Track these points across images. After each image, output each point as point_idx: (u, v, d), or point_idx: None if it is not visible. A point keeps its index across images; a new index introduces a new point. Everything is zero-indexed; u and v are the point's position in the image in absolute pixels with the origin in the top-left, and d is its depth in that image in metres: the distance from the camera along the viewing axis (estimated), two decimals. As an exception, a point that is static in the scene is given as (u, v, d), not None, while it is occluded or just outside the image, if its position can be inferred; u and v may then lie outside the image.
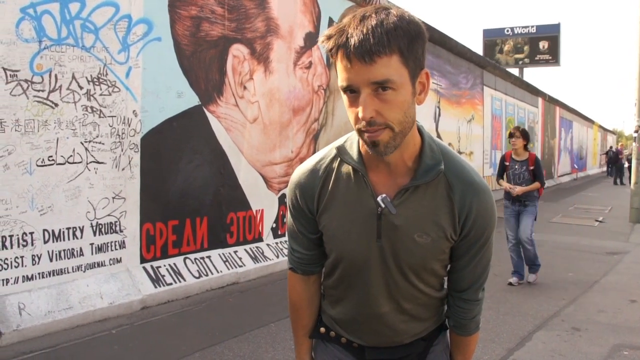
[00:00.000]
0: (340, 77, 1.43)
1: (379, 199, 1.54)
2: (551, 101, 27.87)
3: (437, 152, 1.56)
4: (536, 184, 6.91)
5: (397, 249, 1.58)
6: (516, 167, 7.00)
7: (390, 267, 1.61)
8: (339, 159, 1.65)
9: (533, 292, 6.66)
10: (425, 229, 1.56)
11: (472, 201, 1.55)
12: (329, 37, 1.40)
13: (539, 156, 24.98)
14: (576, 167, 35.09)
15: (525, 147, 7.08)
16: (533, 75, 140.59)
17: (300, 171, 1.71)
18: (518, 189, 6.88)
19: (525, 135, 7.06)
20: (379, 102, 1.37)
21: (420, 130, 1.58)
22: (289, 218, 1.77)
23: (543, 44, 36.61)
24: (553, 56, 36.82)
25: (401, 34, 1.33)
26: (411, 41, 1.35)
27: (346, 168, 1.62)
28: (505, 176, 7.19)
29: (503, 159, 7.28)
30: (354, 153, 1.60)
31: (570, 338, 5.12)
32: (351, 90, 1.42)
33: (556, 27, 37.32)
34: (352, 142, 1.63)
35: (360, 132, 1.45)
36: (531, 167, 6.93)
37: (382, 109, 1.38)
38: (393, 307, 1.67)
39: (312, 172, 1.68)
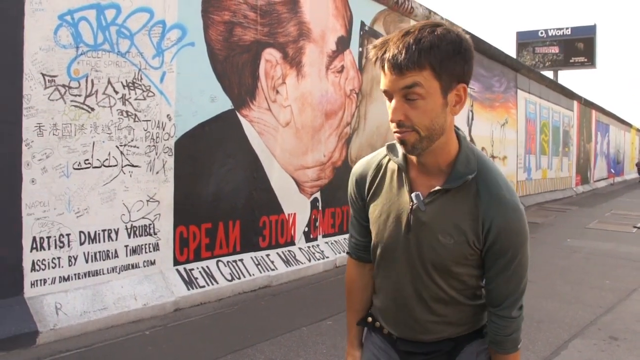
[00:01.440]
0: (381, 82, 1.60)
1: (412, 195, 1.69)
2: (587, 104, 27.45)
3: (472, 162, 1.67)
4: None
5: (422, 245, 1.70)
6: None
7: (415, 262, 1.73)
8: (388, 156, 1.81)
9: (569, 299, 6.56)
10: (449, 231, 1.66)
11: (495, 215, 1.64)
12: (373, 47, 1.59)
13: (575, 160, 24.72)
14: (613, 171, 34.50)
15: None
16: (568, 78, 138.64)
17: (359, 163, 1.91)
18: None
19: None
20: (409, 107, 1.55)
21: (460, 140, 1.70)
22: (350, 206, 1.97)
23: (578, 46, 36.12)
24: (588, 58, 36.29)
25: (435, 52, 1.49)
26: (445, 59, 1.50)
27: (392, 165, 1.79)
28: None
29: None
30: (399, 152, 1.74)
31: (607, 347, 5.03)
32: (388, 95, 1.59)
33: (592, 29, 36.78)
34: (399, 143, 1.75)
35: (394, 132, 1.60)
36: None
37: (410, 114, 1.56)
38: (421, 304, 1.78)
39: (366, 164, 1.88)
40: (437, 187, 1.66)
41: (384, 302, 1.87)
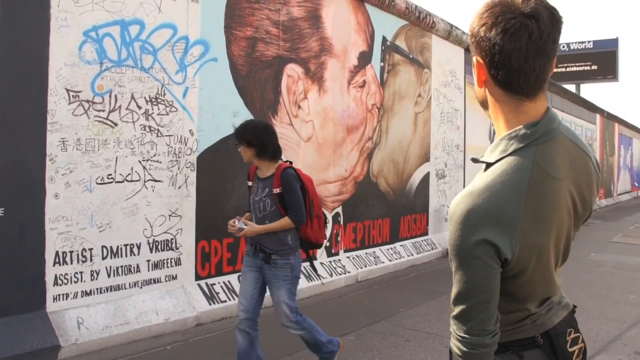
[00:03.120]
0: None
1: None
2: (609, 117, 27.21)
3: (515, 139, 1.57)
4: (283, 221, 4.04)
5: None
6: (258, 190, 4.21)
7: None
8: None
9: (592, 314, 6.46)
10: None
11: None
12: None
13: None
14: (637, 185, 34.10)
15: (262, 155, 4.21)
16: (590, 91, 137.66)
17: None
18: (247, 228, 4.03)
19: (252, 137, 4.18)
20: None
21: None
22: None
23: (601, 59, 35.85)
24: (611, 71, 36.00)
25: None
26: None
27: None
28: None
29: (247, 177, 4.56)
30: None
31: (632, 363, 4.96)
32: None
33: (614, 42, 36.47)
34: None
35: None
36: (276, 191, 4.10)
37: None
38: None
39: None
40: None
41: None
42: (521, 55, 1.47)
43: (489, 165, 1.58)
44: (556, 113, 1.61)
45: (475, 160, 1.65)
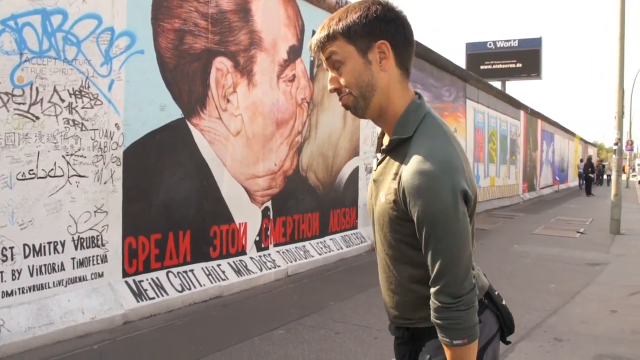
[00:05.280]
0: None
1: (377, 154, 1.83)
2: (533, 114, 28.08)
3: (410, 125, 1.71)
4: None
5: (375, 204, 1.80)
6: None
7: (374, 222, 1.82)
8: None
9: (516, 303, 6.65)
10: (385, 190, 1.72)
11: (405, 175, 1.63)
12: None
13: (522, 168, 25.25)
14: (558, 179, 35.35)
15: None
16: (515, 88, 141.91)
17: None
18: None
19: None
20: (338, 75, 1.74)
21: (409, 104, 1.75)
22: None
23: (525, 57, 36.95)
24: (535, 69, 37.16)
25: (343, 23, 1.69)
26: (353, 25, 1.67)
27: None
28: None
29: None
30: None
31: (552, 349, 5.14)
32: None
33: (538, 41, 37.71)
34: None
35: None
36: None
37: (340, 80, 1.74)
38: (382, 274, 1.87)
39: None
40: (383, 147, 1.80)
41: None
42: (412, 34, 1.76)
43: (406, 139, 1.70)
44: None
45: (386, 151, 1.77)
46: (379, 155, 1.80)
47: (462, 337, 1.62)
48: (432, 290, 1.64)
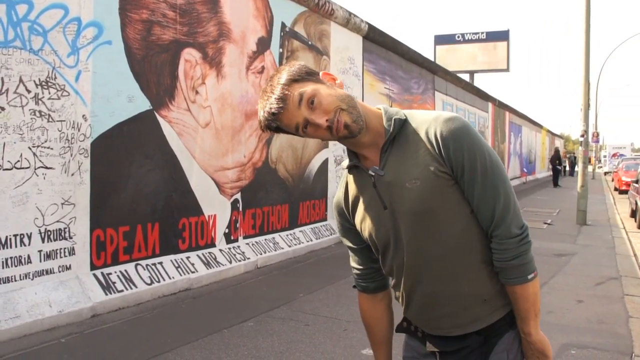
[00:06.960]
0: (289, 127, 1.75)
1: (369, 171, 1.76)
2: (501, 106, 28.38)
3: (394, 110, 1.79)
4: None
5: (398, 206, 1.74)
6: None
7: (405, 231, 1.74)
8: (348, 168, 1.88)
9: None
10: (413, 175, 1.70)
11: (435, 131, 1.68)
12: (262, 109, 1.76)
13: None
14: (525, 171, 35.77)
15: None
16: (483, 80, 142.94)
17: (335, 196, 1.98)
18: None
19: None
20: (317, 109, 1.68)
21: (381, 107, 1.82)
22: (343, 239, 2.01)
23: (493, 49, 37.29)
24: (502, 62, 37.52)
25: (294, 74, 1.70)
26: (300, 73, 1.70)
27: (353, 173, 1.87)
28: None
29: None
30: (348, 158, 1.86)
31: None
32: (305, 126, 1.71)
33: (505, 34, 38.09)
34: (345, 150, 1.91)
35: (338, 135, 1.70)
36: None
37: (323, 110, 1.68)
38: (433, 279, 1.78)
39: (338, 192, 1.96)
40: (381, 146, 1.75)
41: (405, 295, 1.87)
42: None
43: (404, 121, 1.76)
44: None
45: (386, 147, 1.78)
46: (372, 169, 1.76)
47: (533, 269, 1.78)
48: (498, 232, 1.70)
